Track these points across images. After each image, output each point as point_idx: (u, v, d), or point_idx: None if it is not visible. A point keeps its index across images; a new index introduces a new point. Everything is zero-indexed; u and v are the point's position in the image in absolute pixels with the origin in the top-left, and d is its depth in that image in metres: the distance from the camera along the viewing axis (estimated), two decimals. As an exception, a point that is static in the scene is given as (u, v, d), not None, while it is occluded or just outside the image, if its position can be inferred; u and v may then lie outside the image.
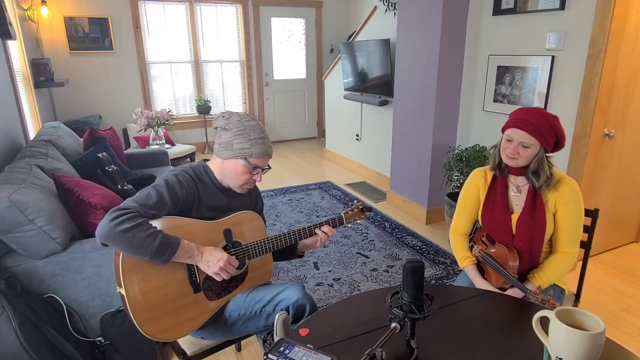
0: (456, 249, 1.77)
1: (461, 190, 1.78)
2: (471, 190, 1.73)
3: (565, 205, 1.55)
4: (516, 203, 1.63)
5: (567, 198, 1.54)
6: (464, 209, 1.76)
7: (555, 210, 1.58)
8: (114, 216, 1.26)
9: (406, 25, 3.57)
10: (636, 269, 2.89)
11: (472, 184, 1.73)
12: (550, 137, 1.49)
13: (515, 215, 1.61)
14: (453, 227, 1.81)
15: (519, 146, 1.51)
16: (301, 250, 1.73)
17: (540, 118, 1.47)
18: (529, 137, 1.48)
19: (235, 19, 6.13)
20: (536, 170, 1.53)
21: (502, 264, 1.58)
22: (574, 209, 1.55)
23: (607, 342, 1.04)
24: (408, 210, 3.90)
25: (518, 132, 1.50)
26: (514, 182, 1.64)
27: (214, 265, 1.38)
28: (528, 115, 1.49)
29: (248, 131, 1.46)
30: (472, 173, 1.75)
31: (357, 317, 1.25)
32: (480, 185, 1.71)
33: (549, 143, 1.50)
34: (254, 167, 1.48)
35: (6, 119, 2.73)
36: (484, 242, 1.72)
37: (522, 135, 1.49)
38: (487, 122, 3.31)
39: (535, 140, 1.48)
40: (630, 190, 3.06)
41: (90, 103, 5.51)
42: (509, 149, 1.53)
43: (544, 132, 1.47)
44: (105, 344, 1.87)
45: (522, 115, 1.50)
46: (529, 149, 1.50)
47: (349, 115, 5.30)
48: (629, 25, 2.52)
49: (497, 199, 1.64)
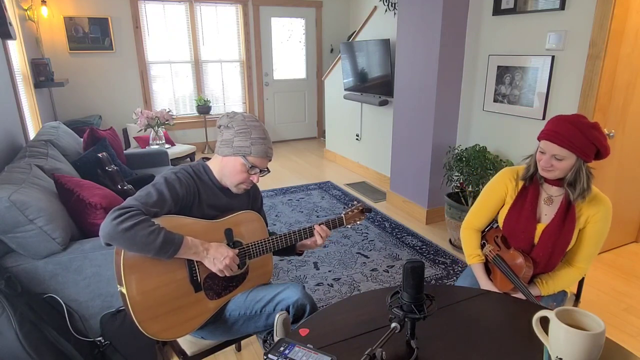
0: (467, 244, 1.72)
1: (486, 185, 1.70)
2: (498, 189, 1.66)
3: (595, 223, 1.50)
4: (545, 213, 1.57)
5: (600, 217, 1.49)
6: (484, 205, 1.69)
7: (583, 226, 1.53)
8: (115, 215, 1.27)
9: (406, 25, 3.57)
10: (636, 269, 2.89)
11: (501, 183, 1.66)
12: (588, 148, 1.40)
13: (542, 225, 1.56)
14: (468, 221, 1.74)
15: (552, 159, 1.44)
16: (299, 249, 1.72)
17: (573, 130, 1.38)
18: (562, 149, 1.41)
19: (235, 19, 6.13)
20: (572, 182, 1.46)
21: (515, 271, 1.54)
22: (602, 229, 1.51)
23: (607, 342, 1.04)
24: (408, 210, 3.90)
25: (550, 144, 1.43)
26: (547, 190, 1.57)
27: (220, 262, 1.39)
28: (560, 127, 1.41)
29: (250, 130, 1.46)
30: (503, 171, 1.67)
31: (357, 317, 1.25)
32: (510, 187, 1.63)
33: (586, 154, 1.41)
34: (252, 167, 1.48)
35: (6, 119, 2.73)
36: (497, 243, 1.66)
37: (554, 148, 1.42)
38: (487, 122, 3.31)
39: (569, 152, 1.41)
40: (630, 190, 3.06)
41: (90, 103, 5.51)
42: (543, 160, 1.47)
43: (578, 144, 1.39)
44: (105, 344, 1.87)
45: (554, 126, 1.42)
46: (563, 162, 1.43)
47: (349, 115, 5.30)
48: (629, 25, 2.52)
49: (526, 205, 1.57)
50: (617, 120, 2.75)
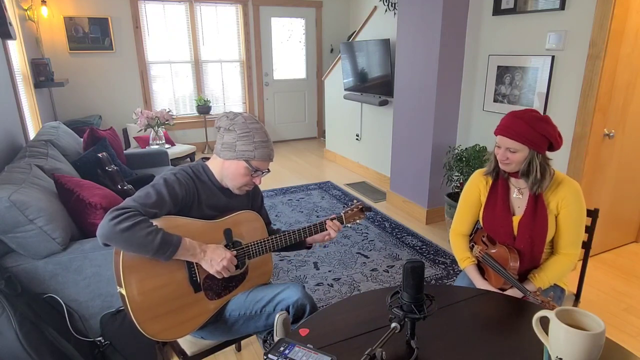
0: (456, 250, 1.78)
1: (462, 192, 1.78)
2: (472, 191, 1.73)
3: (567, 207, 1.55)
4: (518, 205, 1.63)
5: (569, 200, 1.54)
6: (464, 210, 1.77)
7: (557, 212, 1.58)
8: (113, 215, 1.26)
9: (406, 25, 3.57)
10: (636, 269, 2.89)
11: (473, 186, 1.73)
12: (538, 139, 1.48)
13: (517, 217, 1.61)
14: (453, 228, 1.81)
15: (507, 152, 1.53)
16: (310, 242, 1.72)
17: (521, 123, 1.48)
18: (514, 142, 1.49)
19: (235, 19, 6.13)
20: (525, 172, 1.54)
21: (503, 265, 1.58)
22: (575, 211, 1.55)
23: (607, 342, 1.04)
24: (408, 210, 3.90)
25: (503, 138, 1.52)
26: (516, 184, 1.64)
27: (217, 263, 1.38)
28: (511, 121, 1.50)
29: (252, 134, 1.45)
30: (473, 174, 1.75)
31: (357, 317, 1.25)
32: (482, 186, 1.71)
33: (539, 146, 1.49)
34: (255, 170, 1.48)
35: (6, 119, 2.73)
36: (484, 242, 1.71)
37: (507, 141, 1.51)
38: (487, 122, 3.31)
39: (521, 145, 1.49)
40: (630, 190, 3.06)
41: (90, 103, 5.51)
42: (499, 154, 1.56)
43: (529, 137, 1.47)
44: (105, 344, 1.87)
45: (506, 121, 1.52)
46: (517, 154, 1.51)
47: (349, 115, 5.30)
48: (629, 25, 2.51)
49: (498, 201, 1.64)
50: (617, 120, 2.75)
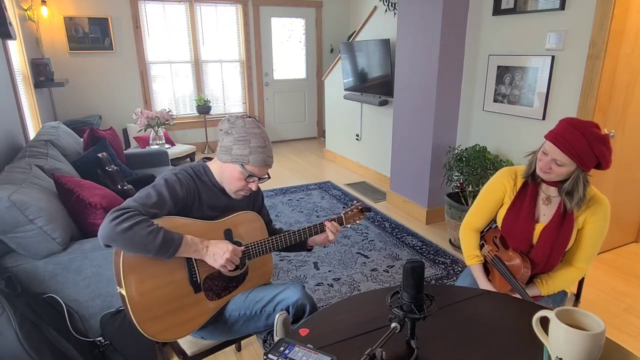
0: (466, 245, 1.71)
1: (484, 186, 1.69)
2: (496, 189, 1.65)
3: (594, 223, 1.49)
4: (543, 213, 1.56)
5: (598, 217, 1.48)
6: (483, 206, 1.68)
7: (581, 227, 1.52)
8: (114, 216, 1.26)
9: (406, 25, 3.57)
10: (636, 269, 2.89)
11: (499, 184, 1.64)
12: (590, 159, 1.38)
13: (540, 225, 1.55)
14: (467, 222, 1.73)
15: (552, 162, 1.43)
16: (310, 244, 1.72)
17: (581, 140, 1.35)
18: (564, 156, 1.39)
19: (235, 19, 6.13)
20: (570, 191, 1.45)
21: (512, 272, 1.53)
22: (600, 229, 1.50)
23: (607, 342, 1.04)
24: (408, 210, 3.90)
25: (554, 148, 1.40)
26: (545, 191, 1.56)
27: (221, 257, 1.38)
28: (570, 133, 1.37)
29: (249, 138, 1.45)
30: (501, 172, 1.65)
31: (357, 317, 1.25)
32: (508, 187, 1.62)
33: (586, 165, 1.39)
34: (250, 175, 1.47)
35: (6, 119, 2.73)
36: (495, 243, 1.66)
37: (557, 153, 1.40)
38: (487, 122, 3.31)
39: (570, 160, 1.39)
40: (630, 190, 3.06)
41: (90, 103, 5.51)
42: (543, 162, 1.46)
43: (582, 155, 1.37)
44: (105, 344, 1.87)
45: (563, 131, 1.39)
46: (562, 167, 1.42)
47: (349, 115, 5.30)
48: (629, 25, 2.51)
49: (524, 206, 1.56)
50: (617, 120, 2.75)
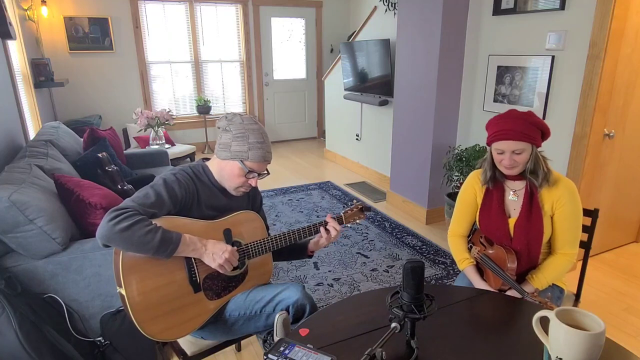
0: (455, 251, 1.78)
1: (459, 193, 1.78)
2: (468, 193, 1.73)
3: (562, 207, 1.54)
4: (513, 207, 1.63)
5: (564, 200, 1.53)
6: (461, 212, 1.76)
7: (552, 213, 1.57)
8: (112, 216, 1.26)
9: (406, 25, 3.57)
10: (636, 269, 2.89)
11: (469, 187, 1.73)
12: (535, 133, 1.48)
13: (513, 220, 1.61)
14: (451, 230, 1.81)
15: (513, 155, 1.50)
16: (311, 249, 1.71)
17: (521, 122, 1.46)
18: (519, 143, 1.48)
19: (235, 19, 6.13)
20: (533, 169, 1.53)
21: (501, 266, 1.57)
22: (571, 211, 1.55)
23: (607, 342, 1.04)
24: (408, 210, 3.90)
25: (506, 143, 1.49)
26: (511, 186, 1.63)
27: (219, 257, 1.38)
28: (510, 123, 1.48)
29: (247, 134, 1.45)
30: (469, 176, 1.75)
31: (357, 317, 1.25)
32: (477, 188, 1.70)
33: (537, 139, 1.50)
34: (250, 171, 1.48)
35: (6, 119, 2.73)
36: (482, 243, 1.71)
37: (512, 144, 1.48)
38: (487, 122, 3.31)
39: (525, 144, 1.48)
40: (630, 190, 3.06)
41: (90, 103, 5.51)
42: (505, 160, 1.52)
43: (529, 133, 1.46)
44: (105, 344, 1.87)
45: (503, 125, 1.49)
46: (522, 154, 1.50)
47: (349, 115, 5.30)
48: (629, 25, 2.51)
49: (493, 204, 1.64)
50: (617, 120, 2.75)
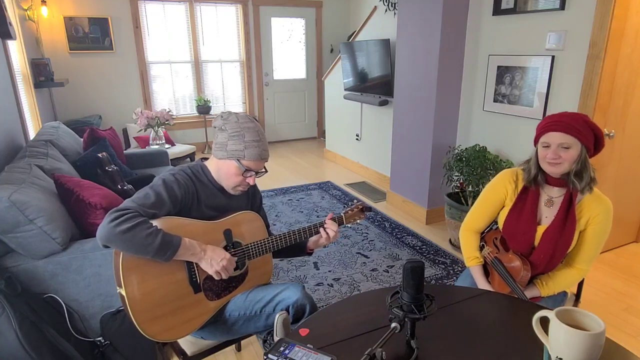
0: (465, 247, 1.70)
1: (485, 187, 1.68)
2: (498, 191, 1.64)
3: (596, 225, 1.48)
4: (545, 215, 1.55)
5: (600, 218, 1.47)
6: (483, 207, 1.67)
7: (584, 228, 1.51)
8: (113, 217, 1.26)
9: (406, 25, 3.57)
10: (636, 269, 2.89)
11: (500, 186, 1.63)
12: (589, 134, 1.39)
13: (542, 227, 1.54)
14: (467, 223, 1.72)
15: (559, 149, 1.40)
16: (311, 247, 1.71)
17: (572, 117, 1.39)
18: (567, 136, 1.39)
19: (235, 19, 6.13)
20: (579, 171, 1.43)
21: (512, 274, 1.53)
22: (603, 230, 1.49)
23: (607, 342, 1.04)
24: (408, 210, 3.90)
25: (554, 134, 1.40)
26: (547, 192, 1.55)
27: (217, 263, 1.38)
28: (560, 117, 1.40)
29: (243, 133, 1.45)
30: (502, 173, 1.64)
31: (357, 317, 1.25)
32: (510, 189, 1.61)
33: (589, 140, 1.39)
34: (246, 170, 1.47)
35: (6, 119, 2.73)
36: (496, 245, 1.65)
37: (559, 136, 1.39)
38: (487, 122, 3.31)
39: (574, 139, 1.39)
40: (630, 190, 3.06)
41: (90, 103, 5.51)
42: (550, 154, 1.42)
43: (581, 129, 1.37)
44: (105, 344, 1.87)
45: (552, 118, 1.42)
46: (570, 150, 1.40)
47: (349, 115, 5.30)
48: (629, 25, 2.51)
49: (525, 208, 1.55)
50: (617, 120, 2.75)
